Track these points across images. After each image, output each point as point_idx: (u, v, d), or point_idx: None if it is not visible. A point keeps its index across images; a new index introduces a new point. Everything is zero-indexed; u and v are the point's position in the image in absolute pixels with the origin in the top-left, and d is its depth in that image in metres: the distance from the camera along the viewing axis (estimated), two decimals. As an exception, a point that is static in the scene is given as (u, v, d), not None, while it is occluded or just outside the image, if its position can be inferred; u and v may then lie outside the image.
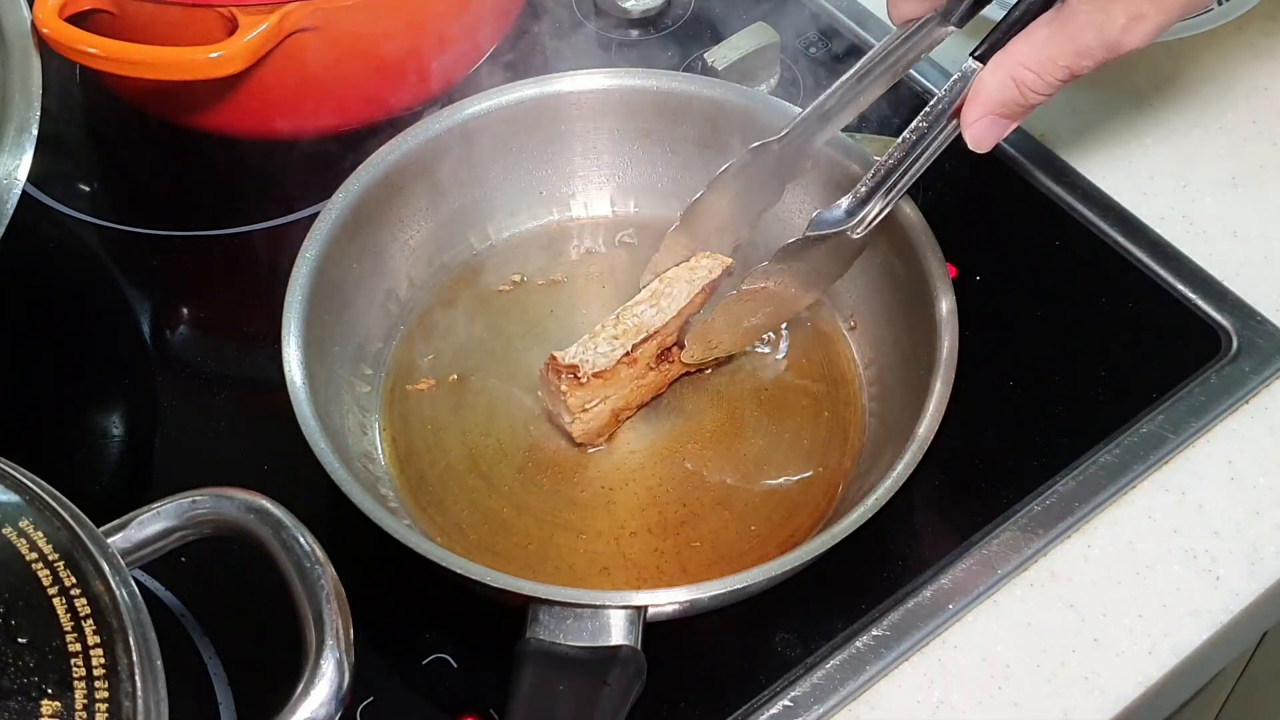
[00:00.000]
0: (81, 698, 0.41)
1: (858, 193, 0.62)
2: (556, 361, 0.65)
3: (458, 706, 0.60)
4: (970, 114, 0.58)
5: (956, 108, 0.59)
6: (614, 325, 0.67)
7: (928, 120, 0.60)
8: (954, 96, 0.59)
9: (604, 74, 0.74)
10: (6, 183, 0.64)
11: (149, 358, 0.75)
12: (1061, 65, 0.56)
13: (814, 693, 0.60)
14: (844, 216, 0.62)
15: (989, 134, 0.59)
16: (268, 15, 0.69)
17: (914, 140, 0.60)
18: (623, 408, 0.67)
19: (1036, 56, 0.56)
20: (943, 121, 0.60)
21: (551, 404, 0.66)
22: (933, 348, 0.63)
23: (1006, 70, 0.57)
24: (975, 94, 0.58)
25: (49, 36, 0.69)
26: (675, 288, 0.68)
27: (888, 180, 0.61)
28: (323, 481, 0.58)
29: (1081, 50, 0.55)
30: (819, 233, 0.62)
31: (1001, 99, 0.58)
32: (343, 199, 0.68)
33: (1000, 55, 0.57)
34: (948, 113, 0.60)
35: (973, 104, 0.58)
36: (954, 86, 0.59)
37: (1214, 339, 0.71)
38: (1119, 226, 0.75)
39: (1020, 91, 0.57)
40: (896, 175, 0.61)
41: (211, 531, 0.52)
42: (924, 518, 0.65)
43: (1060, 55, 0.56)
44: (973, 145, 0.60)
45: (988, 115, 0.58)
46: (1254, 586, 0.64)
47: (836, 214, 0.62)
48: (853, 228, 0.62)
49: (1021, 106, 0.58)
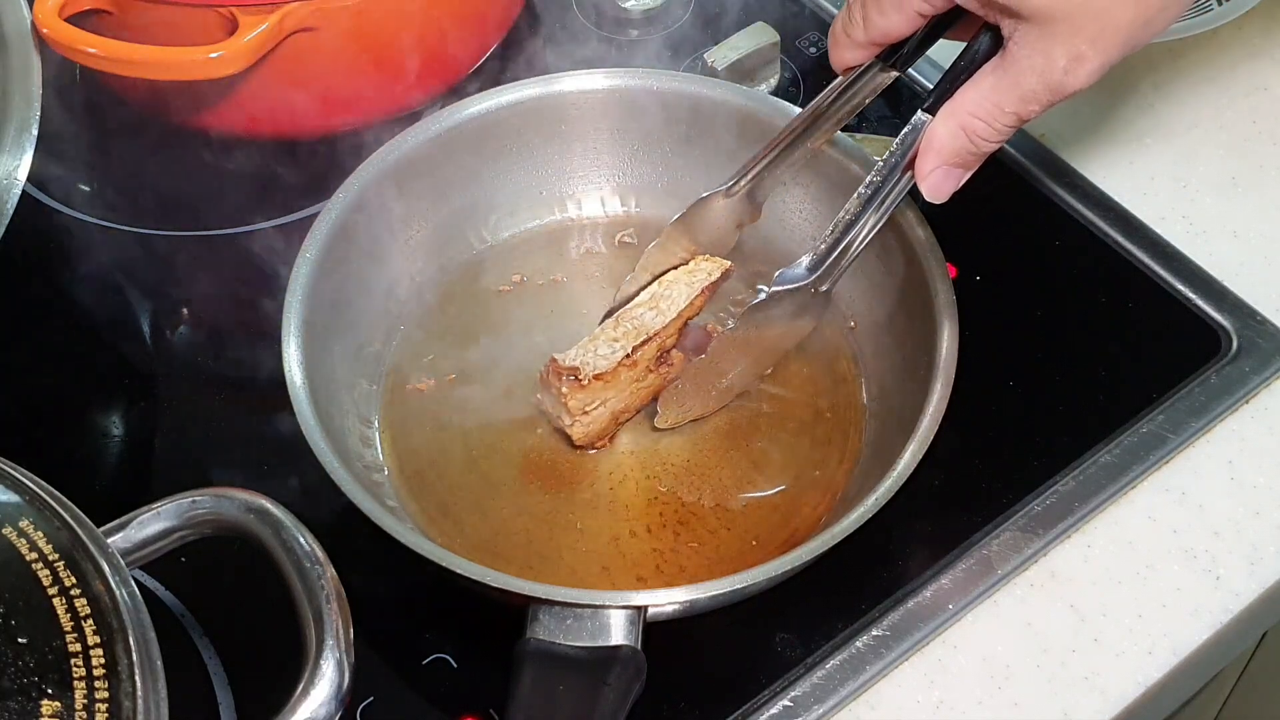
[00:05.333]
0: (81, 698, 0.41)
1: (818, 250, 0.63)
2: (557, 364, 0.65)
3: (458, 706, 0.60)
4: (925, 165, 0.59)
5: (910, 159, 0.59)
6: (614, 328, 0.67)
7: (882, 174, 0.61)
8: (907, 148, 0.59)
9: (604, 74, 0.73)
10: (6, 183, 0.64)
11: (149, 358, 0.75)
12: (1009, 112, 0.56)
13: (814, 693, 0.60)
14: (805, 273, 0.63)
15: (944, 184, 0.59)
16: (268, 15, 0.69)
17: (869, 195, 0.61)
18: (622, 410, 0.67)
19: (984, 105, 0.56)
20: (897, 174, 0.60)
21: (551, 406, 0.66)
22: (933, 348, 0.63)
23: (956, 120, 0.57)
24: (928, 145, 0.58)
25: (49, 36, 0.69)
26: (675, 290, 0.68)
27: (847, 234, 0.62)
28: (323, 481, 0.58)
29: (1026, 95, 0.55)
30: (783, 288, 0.63)
31: (954, 149, 0.58)
32: (343, 199, 0.68)
33: (949, 105, 0.57)
34: (902, 165, 0.60)
35: (926, 155, 0.58)
36: (906, 138, 0.59)
37: (1214, 339, 0.71)
38: (1119, 226, 0.75)
39: (971, 140, 0.57)
40: (856, 229, 0.62)
41: (211, 531, 0.52)
42: (924, 517, 0.65)
43: (1006, 102, 0.56)
44: (929, 196, 0.60)
45: (942, 166, 0.58)
46: (1254, 586, 0.64)
47: (798, 271, 0.63)
48: (815, 283, 0.63)
49: (974, 155, 0.58)
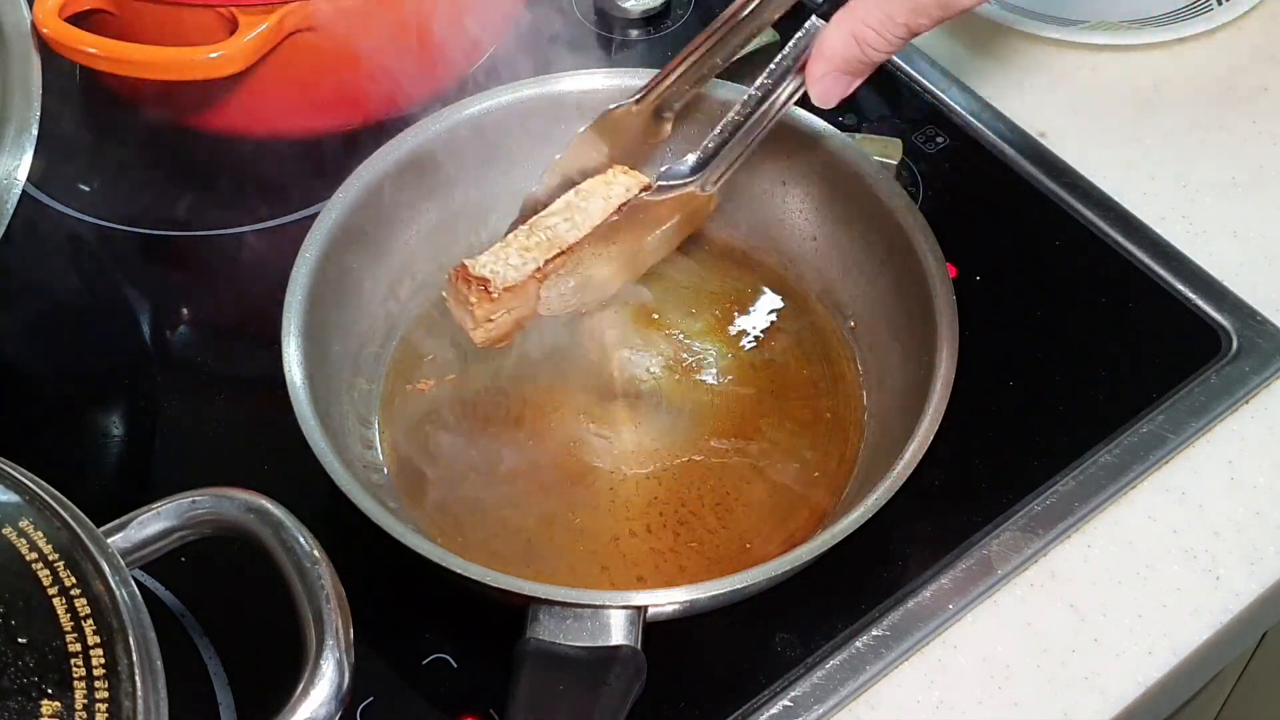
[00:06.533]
0: (81, 698, 0.41)
1: (705, 148, 0.63)
2: (467, 271, 0.64)
3: (458, 706, 0.60)
4: (815, 70, 0.59)
5: (801, 64, 0.60)
6: (526, 236, 0.65)
7: (772, 77, 0.61)
8: (798, 52, 0.60)
9: (604, 74, 0.73)
10: (6, 183, 0.64)
11: (149, 358, 0.75)
12: (900, 23, 0.57)
13: (814, 693, 0.60)
14: (689, 171, 0.63)
15: (834, 90, 0.60)
16: (268, 15, 0.69)
17: (760, 96, 0.61)
18: (525, 316, 0.66)
19: (877, 15, 0.57)
20: (788, 78, 0.61)
21: (456, 311, 0.66)
22: (933, 348, 0.63)
23: (849, 27, 0.58)
24: (819, 50, 0.59)
25: (49, 36, 0.69)
26: (591, 203, 0.66)
27: (735, 134, 0.62)
28: (323, 481, 0.58)
29: (918, 8, 0.57)
30: (666, 183, 0.64)
31: (845, 56, 0.59)
32: (343, 199, 0.68)
33: (843, 13, 0.58)
34: (793, 69, 0.61)
35: (817, 60, 0.59)
36: (798, 42, 0.60)
37: (1214, 339, 0.71)
38: (1119, 226, 0.75)
39: (861, 49, 0.58)
40: (744, 129, 0.62)
41: (211, 531, 0.52)
42: (924, 517, 0.65)
43: (898, 13, 0.57)
44: (818, 101, 0.61)
45: (832, 71, 0.59)
46: (1254, 586, 0.64)
47: (682, 169, 0.63)
48: (701, 183, 0.63)
49: (864, 63, 0.59)
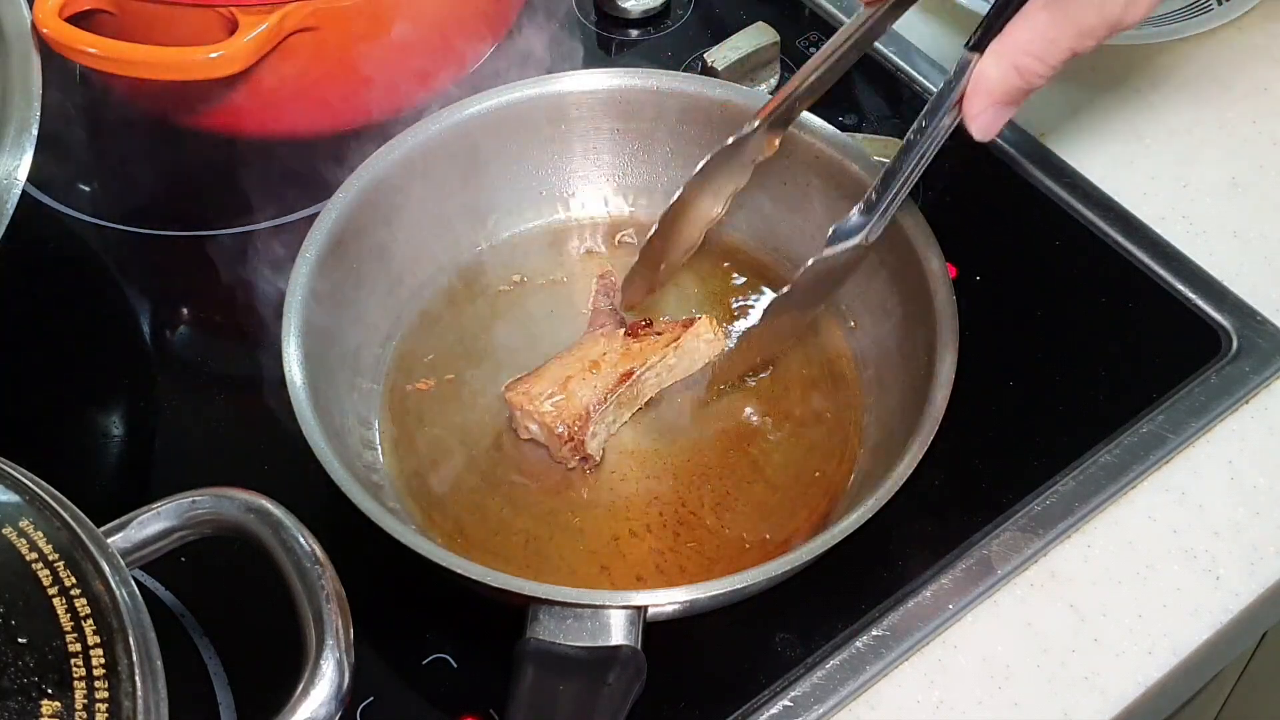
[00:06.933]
0: (81, 698, 0.41)
1: (869, 199, 0.62)
2: (582, 447, 0.66)
3: (458, 706, 0.60)
4: (975, 105, 0.58)
5: (956, 101, 0.59)
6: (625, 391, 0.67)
7: (928, 118, 0.60)
8: (952, 90, 0.59)
9: (604, 74, 0.73)
10: (6, 183, 0.64)
11: (149, 358, 0.75)
12: (1065, 47, 0.56)
13: (814, 693, 0.60)
14: (858, 225, 0.62)
15: (996, 123, 0.59)
16: (268, 15, 0.69)
17: (915, 139, 0.60)
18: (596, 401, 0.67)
19: (1039, 41, 0.56)
20: (941, 116, 0.59)
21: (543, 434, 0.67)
22: (933, 348, 0.63)
23: (1009, 59, 0.56)
24: (977, 85, 0.57)
25: (49, 36, 0.69)
26: (684, 362, 0.69)
27: (894, 182, 0.61)
28: (323, 481, 0.58)
29: (1084, 31, 0.55)
30: (843, 246, 0.62)
31: (1006, 88, 0.57)
32: (343, 199, 0.68)
33: (999, 43, 0.57)
34: (946, 106, 0.59)
35: (976, 95, 0.58)
36: (953, 80, 0.59)
37: (1214, 339, 0.71)
38: (1119, 226, 0.75)
39: (1024, 78, 0.57)
40: (903, 175, 0.61)
41: (211, 531, 0.52)
42: (924, 517, 0.65)
43: (1062, 37, 0.55)
44: (979, 136, 0.59)
45: (993, 105, 0.58)
46: (1254, 586, 0.64)
47: (851, 224, 0.62)
48: (868, 234, 0.62)
49: (1024, 92, 0.58)
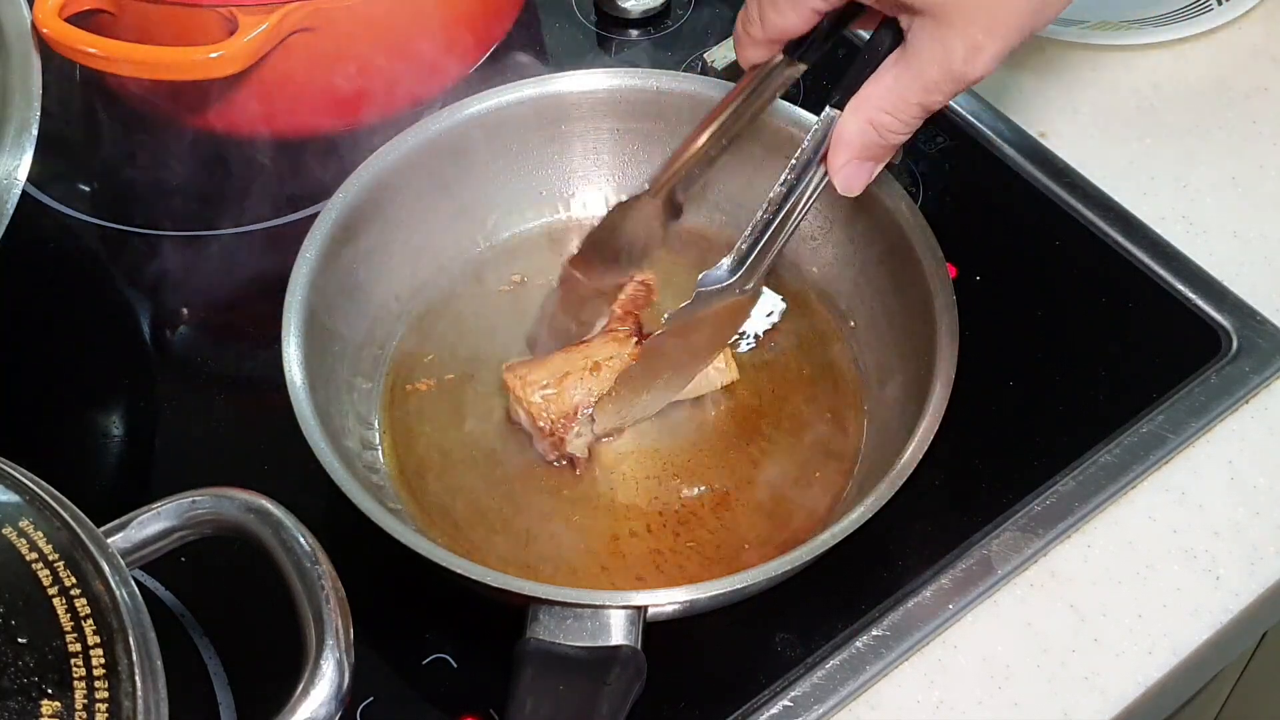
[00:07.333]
0: (81, 698, 0.41)
1: (739, 249, 0.62)
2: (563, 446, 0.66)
3: (458, 706, 0.60)
4: (836, 160, 0.59)
5: (822, 155, 0.60)
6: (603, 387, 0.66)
7: (794, 172, 0.61)
8: (817, 145, 0.60)
9: (604, 74, 0.74)
10: (6, 183, 0.64)
11: (149, 358, 0.75)
12: (913, 103, 0.57)
13: (814, 693, 0.60)
14: (728, 274, 0.63)
15: (856, 178, 0.60)
16: (268, 15, 0.69)
17: (785, 193, 0.61)
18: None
19: (889, 98, 0.57)
20: (810, 170, 0.60)
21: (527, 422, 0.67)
22: (933, 348, 0.63)
23: (864, 114, 0.58)
24: (838, 140, 0.59)
25: (49, 36, 0.69)
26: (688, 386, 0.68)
27: (766, 233, 0.62)
28: (323, 481, 0.58)
29: (929, 86, 0.56)
30: (707, 289, 0.63)
31: (864, 143, 0.58)
32: (343, 199, 0.68)
33: (855, 100, 0.58)
34: (814, 161, 0.60)
35: (836, 150, 0.59)
36: (816, 135, 0.60)
37: (1214, 339, 0.71)
38: (1119, 226, 0.75)
39: (880, 134, 0.58)
40: (774, 227, 0.62)
41: (211, 531, 0.52)
42: (924, 517, 0.65)
43: (910, 94, 0.56)
44: (842, 190, 0.60)
45: (853, 160, 0.59)
46: (1254, 586, 0.64)
47: (720, 273, 0.63)
48: (738, 282, 0.63)
49: (883, 147, 0.59)
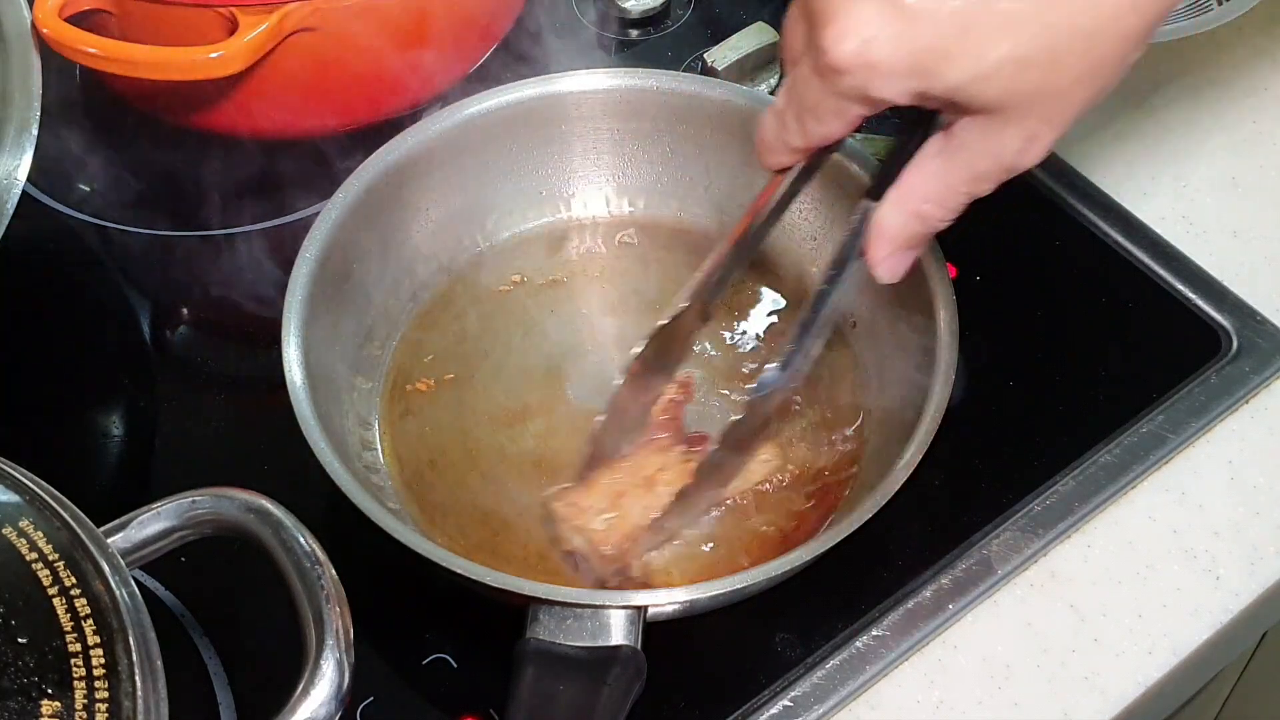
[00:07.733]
0: (81, 698, 0.41)
1: (786, 351, 0.61)
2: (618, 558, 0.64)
3: (458, 706, 0.60)
4: (879, 253, 0.57)
5: (860, 249, 0.58)
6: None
7: (836, 268, 0.59)
8: (855, 240, 0.58)
9: (604, 74, 0.73)
10: (6, 183, 0.64)
11: (149, 358, 0.75)
12: (961, 193, 0.55)
13: (814, 693, 0.60)
14: (777, 378, 0.61)
15: (900, 267, 0.58)
16: (268, 15, 0.69)
17: (825, 291, 0.59)
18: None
19: (935, 189, 0.55)
20: (849, 266, 0.59)
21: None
22: (933, 348, 0.63)
23: (908, 206, 0.56)
24: (879, 233, 0.57)
25: (49, 36, 0.69)
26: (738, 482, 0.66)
27: (809, 331, 0.60)
28: (323, 481, 0.58)
29: (979, 176, 0.54)
30: (761, 397, 0.61)
31: (908, 235, 0.56)
32: (343, 199, 0.68)
33: (896, 191, 0.56)
34: (852, 256, 0.58)
35: (878, 243, 0.57)
36: (854, 229, 0.58)
37: (1214, 339, 0.71)
38: (1119, 226, 0.75)
39: (924, 224, 0.56)
40: (817, 325, 0.60)
41: (211, 531, 0.52)
42: (924, 517, 0.65)
43: (959, 184, 0.55)
44: (885, 280, 0.58)
45: (896, 252, 0.57)
46: (1254, 586, 0.64)
47: (773, 374, 0.61)
48: (788, 383, 0.62)
49: (926, 237, 0.57)
